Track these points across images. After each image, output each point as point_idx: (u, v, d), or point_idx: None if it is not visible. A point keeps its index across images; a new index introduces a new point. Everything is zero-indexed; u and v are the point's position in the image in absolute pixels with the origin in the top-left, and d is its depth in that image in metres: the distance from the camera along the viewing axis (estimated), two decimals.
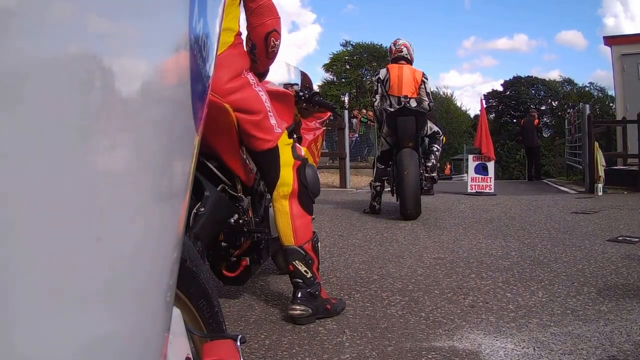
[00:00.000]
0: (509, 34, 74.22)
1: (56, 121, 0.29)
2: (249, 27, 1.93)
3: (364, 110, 15.35)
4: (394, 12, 64.94)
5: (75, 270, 0.32)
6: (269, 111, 1.93)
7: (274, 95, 2.05)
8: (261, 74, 2.07)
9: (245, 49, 1.97)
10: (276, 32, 1.92)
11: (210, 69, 0.58)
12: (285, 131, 2.01)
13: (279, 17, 1.94)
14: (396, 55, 5.00)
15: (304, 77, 2.55)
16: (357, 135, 14.55)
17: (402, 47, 5.01)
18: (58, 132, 0.29)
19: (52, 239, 0.30)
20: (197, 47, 0.49)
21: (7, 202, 0.27)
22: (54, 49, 0.28)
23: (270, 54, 1.97)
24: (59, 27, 0.28)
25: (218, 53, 1.80)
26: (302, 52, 59.78)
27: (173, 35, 0.43)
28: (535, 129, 12.01)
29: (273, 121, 1.94)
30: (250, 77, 1.92)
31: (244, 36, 1.96)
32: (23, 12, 0.26)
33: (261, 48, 1.93)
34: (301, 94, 2.38)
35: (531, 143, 12.09)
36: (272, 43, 1.93)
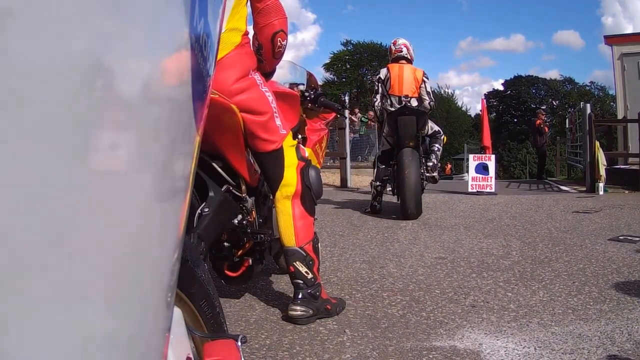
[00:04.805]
0: (505, 35, 74.51)
1: (56, 121, 0.29)
2: (255, 27, 1.93)
3: (356, 110, 15.30)
4: (392, 14, 65.28)
5: (76, 270, 0.32)
6: (275, 112, 1.93)
7: (279, 95, 2.05)
8: (268, 74, 2.06)
9: (252, 48, 1.96)
10: (283, 32, 1.92)
11: (211, 68, 0.58)
12: (290, 132, 2.01)
13: (286, 17, 1.94)
14: (396, 55, 5.00)
15: (310, 77, 2.54)
16: (356, 135, 14.54)
17: (402, 46, 5.01)
18: (58, 131, 0.29)
19: (51, 238, 0.30)
20: (198, 47, 0.49)
21: (7, 201, 0.27)
22: (55, 48, 0.28)
23: (276, 54, 1.96)
24: (59, 27, 0.28)
25: (226, 53, 1.81)
26: (300, 52, 59.84)
27: (174, 34, 0.43)
28: (536, 129, 12.04)
29: (278, 122, 1.94)
30: (257, 78, 1.92)
31: (250, 35, 1.96)
32: (23, 12, 0.26)
33: (268, 48, 1.93)
34: (307, 94, 2.37)
35: (535, 143, 12.24)
36: (279, 43, 1.92)
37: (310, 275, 1.99)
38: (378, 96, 4.95)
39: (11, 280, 0.27)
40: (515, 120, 37.71)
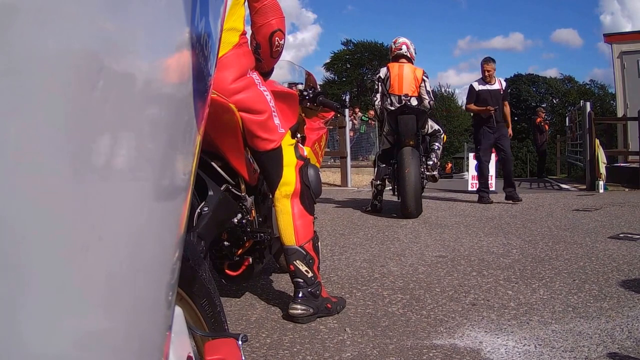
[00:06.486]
0: (504, 33, 74.48)
1: (58, 120, 0.29)
2: (253, 27, 1.93)
3: (357, 109, 15.29)
4: (392, 13, 65.31)
5: (77, 269, 0.32)
6: (273, 111, 1.93)
7: (278, 94, 2.05)
8: (266, 73, 2.07)
9: (249, 48, 1.97)
10: (280, 32, 1.92)
11: (212, 67, 0.58)
12: (289, 131, 2.02)
13: (284, 17, 1.95)
14: (396, 53, 5.00)
15: (309, 77, 2.55)
16: (357, 134, 14.54)
17: (402, 45, 5.01)
18: (60, 130, 0.29)
19: (53, 237, 0.30)
20: (199, 46, 0.50)
21: (9, 201, 0.27)
22: (57, 48, 0.28)
23: (274, 53, 1.97)
24: (61, 26, 0.28)
25: (224, 52, 1.82)
26: (301, 53, 59.76)
27: (175, 34, 0.43)
28: (536, 127, 12.06)
29: (277, 121, 1.94)
30: (255, 77, 1.93)
31: (248, 34, 1.97)
32: (25, 11, 0.26)
33: (265, 47, 1.93)
34: (305, 93, 2.38)
35: (535, 141, 12.26)
36: (277, 42, 1.93)
37: (310, 274, 2.00)
38: (378, 95, 4.95)
39: (12, 279, 0.28)
40: (516, 118, 37.56)
